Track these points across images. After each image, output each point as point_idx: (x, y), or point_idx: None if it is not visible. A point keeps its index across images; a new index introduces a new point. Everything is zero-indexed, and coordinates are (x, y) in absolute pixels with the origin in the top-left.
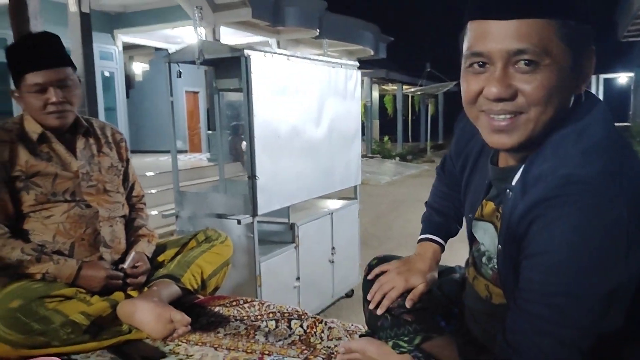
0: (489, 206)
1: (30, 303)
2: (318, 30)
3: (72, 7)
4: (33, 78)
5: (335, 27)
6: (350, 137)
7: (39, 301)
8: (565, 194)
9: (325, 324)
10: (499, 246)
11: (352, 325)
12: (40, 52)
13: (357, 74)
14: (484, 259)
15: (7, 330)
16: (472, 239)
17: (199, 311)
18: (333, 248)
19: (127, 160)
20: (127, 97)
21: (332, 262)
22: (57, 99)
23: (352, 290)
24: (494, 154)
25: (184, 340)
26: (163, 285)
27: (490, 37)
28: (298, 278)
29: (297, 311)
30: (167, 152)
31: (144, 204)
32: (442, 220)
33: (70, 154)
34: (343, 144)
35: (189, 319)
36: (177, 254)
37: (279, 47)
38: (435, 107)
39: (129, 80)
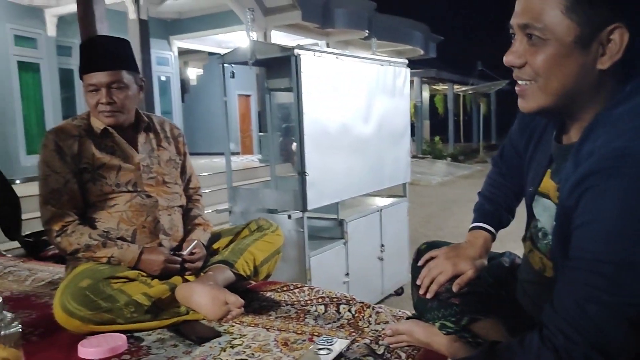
0: (550, 183)
1: (97, 283)
2: (367, 31)
3: (132, 15)
4: (88, 79)
5: (385, 27)
6: (399, 134)
7: (106, 281)
8: (617, 165)
9: (373, 309)
10: (554, 222)
11: (400, 311)
12: (95, 55)
13: (405, 71)
14: (540, 234)
15: (77, 307)
16: (530, 214)
17: (252, 296)
18: (382, 245)
19: (185, 154)
20: (182, 101)
21: (381, 259)
22: (106, 100)
23: (402, 289)
24: (558, 132)
25: (238, 322)
26: (218, 271)
27: (515, 11)
28: (347, 274)
29: (345, 296)
30: (220, 154)
31: (200, 195)
32: (493, 209)
33: (132, 148)
34: (392, 141)
35: (242, 302)
36: (230, 242)
37: (328, 48)
38: (487, 107)
39: (184, 85)
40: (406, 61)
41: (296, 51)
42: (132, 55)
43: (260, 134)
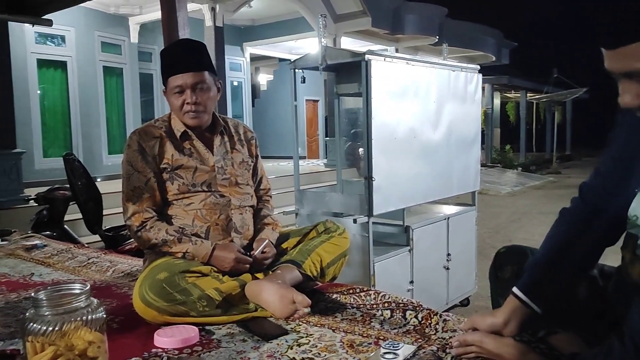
0: None
1: (173, 276)
2: (437, 37)
3: (208, 22)
4: (173, 81)
5: (456, 33)
6: (470, 142)
7: (181, 275)
8: None
9: (440, 317)
10: None
11: (466, 320)
12: (181, 57)
13: (477, 78)
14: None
15: (155, 298)
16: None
17: (318, 296)
18: (448, 254)
19: (257, 157)
20: (253, 105)
21: (447, 268)
22: (192, 100)
23: (468, 300)
24: None
25: (304, 321)
26: (286, 270)
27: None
28: (412, 281)
29: (412, 302)
30: (287, 157)
31: (270, 196)
32: (549, 277)
33: (208, 150)
34: (462, 148)
35: (309, 301)
36: (298, 242)
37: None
38: (562, 116)
39: (255, 90)
40: (478, 67)
41: (367, 56)
42: (210, 58)
43: (327, 138)
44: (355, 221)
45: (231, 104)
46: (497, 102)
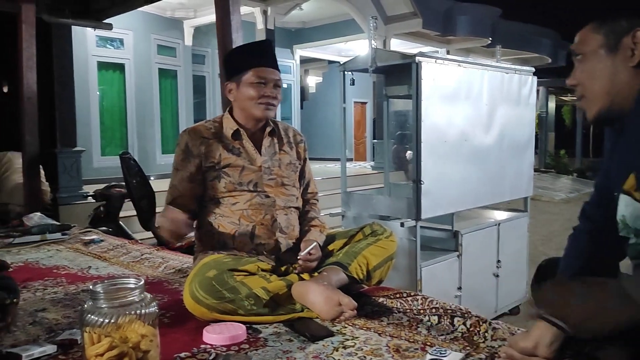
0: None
1: (222, 274)
2: (490, 38)
3: (259, 25)
4: (258, 72)
5: (509, 34)
6: (523, 146)
7: (229, 273)
8: None
9: (490, 324)
10: None
11: (518, 329)
12: (267, 53)
13: (531, 80)
14: None
15: (204, 295)
16: None
17: (364, 300)
18: (498, 261)
19: (305, 160)
20: (301, 108)
21: (497, 275)
22: (272, 94)
23: (518, 308)
24: None
25: (350, 324)
26: (332, 272)
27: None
28: (460, 288)
29: (460, 309)
30: (334, 159)
31: (317, 200)
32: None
33: (256, 150)
34: (514, 152)
35: (355, 304)
36: (345, 244)
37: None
38: None
39: (304, 92)
40: (533, 69)
41: (417, 58)
42: None
43: (375, 141)
44: (402, 225)
45: (280, 107)
46: (552, 105)
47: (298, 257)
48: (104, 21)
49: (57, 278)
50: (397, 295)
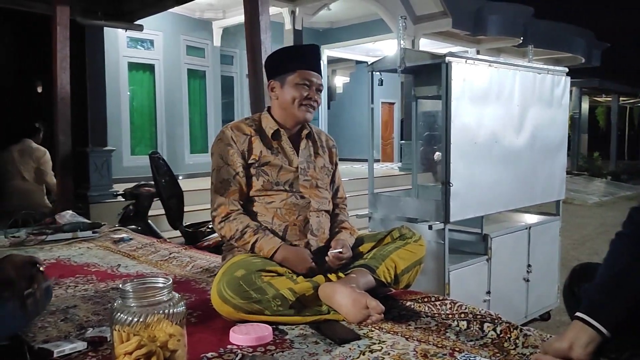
0: None
1: (250, 274)
2: (522, 38)
3: (287, 26)
4: (304, 75)
5: (542, 34)
6: (555, 148)
7: (257, 274)
8: None
9: (521, 331)
10: None
11: (550, 336)
12: (315, 58)
13: (565, 81)
14: None
15: (231, 295)
16: None
17: (392, 303)
18: (529, 265)
19: (336, 164)
20: (328, 108)
21: (527, 280)
22: (314, 97)
23: (549, 314)
24: None
25: (377, 327)
26: (360, 274)
27: None
28: (488, 292)
29: (490, 314)
30: (361, 160)
31: (346, 205)
32: (620, 298)
33: (293, 151)
34: (546, 155)
35: (382, 308)
36: (373, 247)
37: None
38: None
39: (331, 92)
40: (566, 70)
41: (447, 58)
42: None
43: (402, 141)
44: (430, 227)
45: None
46: (585, 106)
47: (328, 253)
48: (135, 22)
49: (87, 275)
50: (425, 299)
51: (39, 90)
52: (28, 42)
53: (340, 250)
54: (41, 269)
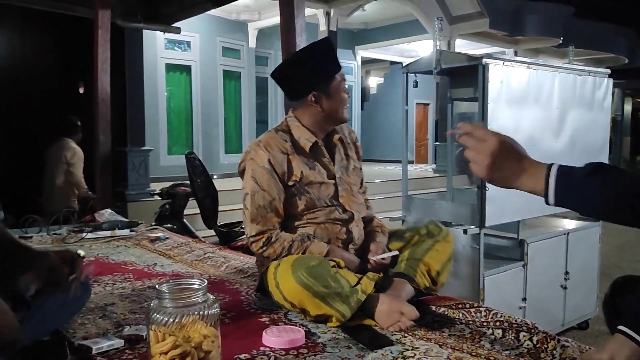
0: None
1: (324, 263)
2: (562, 38)
3: (322, 27)
4: (342, 76)
5: (582, 33)
6: (596, 151)
7: (328, 263)
8: None
9: (558, 342)
10: None
11: (589, 348)
12: (335, 56)
13: (607, 82)
14: None
15: (313, 281)
16: None
17: (425, 309)
18: (567, 272)
19: (361, 158)
20: (362, 109)
21: (565, 287)
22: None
23: (587, 323)
24: None
25: (410, 334)
26: (401, 285)
27: None
28: (524, 299)
29: (526, 323)
30: (395, 162)
31: (366, 194)
32: None
33: (330, 161)
34: (587, 158)
35: (417, 314)
36: (403, 247)
37: (515, 57)
38: None
39: (364, 93)
40: (608, 71)
41: (484, 60)
42: None
43: (437, 143)
44: (465, 232)
45: None
46: (628, 108)
47: (369, 258)
48: (173, 25)
49: (125, 274)
50: (460, 306)
51: (81, 91)
52: (71, 44)
53: (383, 257)
54: (81, 254)
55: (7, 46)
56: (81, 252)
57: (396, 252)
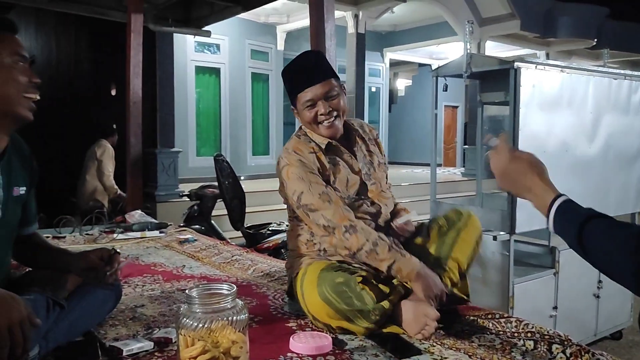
0: None
1: (350, 281)
2: (595, 39)
3: (350, 29)
4: (303, 97)
5: (617, 35)
6: (631, 157)
7: (354, 279)
8: None
9: (593, 355)
10: None
11: None
12: (307, 70)
13: None
14: None
15: (337, 299)
16: None
17: (454, 318)
18: (600, 281)
19: (384, 154)
20: (389, 111)
21: (598, 296)
22: (325, 111)
23: (620, 333)
24: None
25: (439, 343)
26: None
27: None
28: (555, 307)
29: (559, 335)
30: (422, 165)
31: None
32: None
33: (352, 157)
34: (621, 164)
35: (437, 314)
36: (424, 242)
37: (547, 59)
38: None
39: (392, 95)
40: None
41: (516, 64)
42: (330, 64)
43: (465, 146)
44: (495, 238)
45: (368, 110)
46: None
47: (393, 224)
48: (203, 28)
49: (154, 275)
50: (490, 316)
51: (113, 93)
52: (103, 47)
53: (406, 221)
54: (118, 250)
55: (44, 51)
56: (117, 249)
57: (421, 218)
